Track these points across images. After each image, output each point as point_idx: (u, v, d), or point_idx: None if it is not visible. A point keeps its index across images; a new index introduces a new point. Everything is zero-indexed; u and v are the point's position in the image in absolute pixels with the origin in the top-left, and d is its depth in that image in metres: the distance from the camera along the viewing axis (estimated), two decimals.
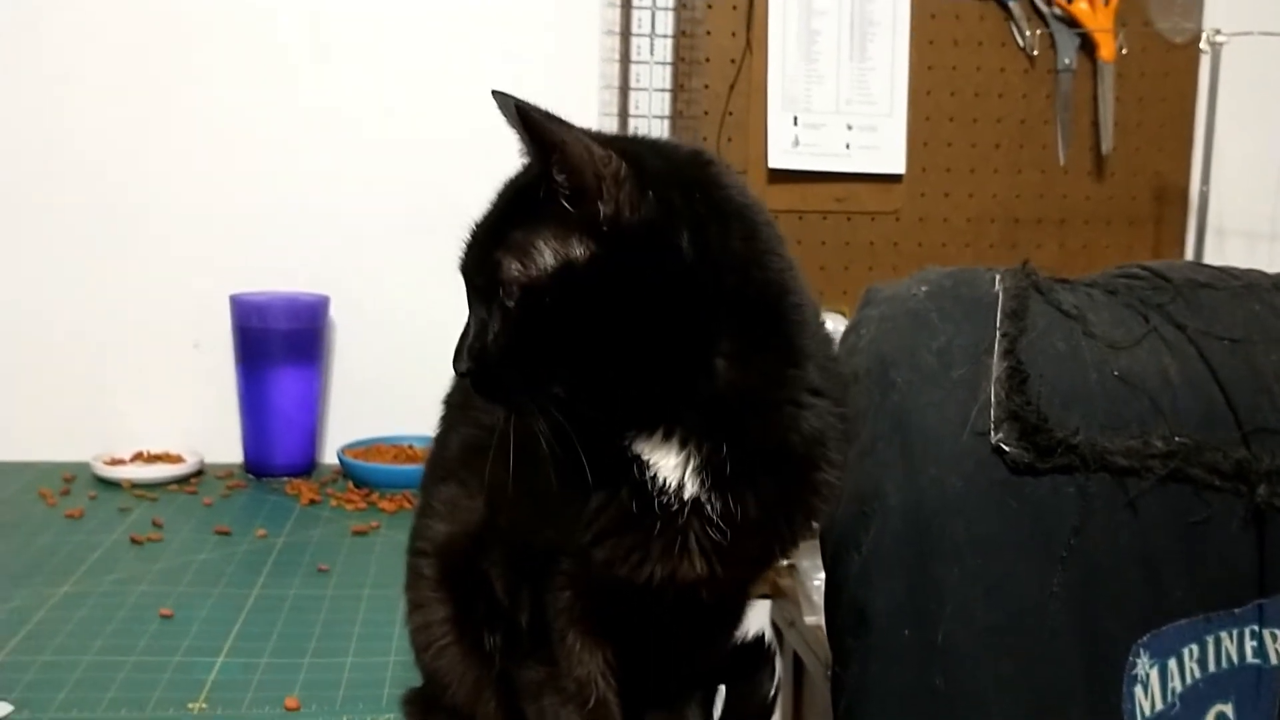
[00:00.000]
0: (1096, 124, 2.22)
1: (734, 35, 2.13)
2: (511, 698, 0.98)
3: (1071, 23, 2.17)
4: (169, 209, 2.05)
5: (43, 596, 1.45)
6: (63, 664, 1.28)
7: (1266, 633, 1.11)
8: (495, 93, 0.86)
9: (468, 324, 0.85)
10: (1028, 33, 2.18)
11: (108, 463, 1.96)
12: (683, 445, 0.84)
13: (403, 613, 1.08)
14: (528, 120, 0.79)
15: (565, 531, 0.87)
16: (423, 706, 1.09)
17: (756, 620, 2.13)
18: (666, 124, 2.12)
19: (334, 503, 1.87)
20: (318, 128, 2.07)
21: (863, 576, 1.07)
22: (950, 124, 2.20)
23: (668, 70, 2.12)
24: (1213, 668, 1.10)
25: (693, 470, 0.84)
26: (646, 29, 2.10)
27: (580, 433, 0.82)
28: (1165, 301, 1.17)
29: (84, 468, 1.95)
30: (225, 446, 2.04)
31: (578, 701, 0.93)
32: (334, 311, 2.09)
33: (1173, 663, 1.09)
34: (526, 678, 0.95)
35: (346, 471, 1.98)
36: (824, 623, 1.16)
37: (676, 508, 0.84)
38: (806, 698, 2.11)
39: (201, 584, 1.52)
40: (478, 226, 0.86)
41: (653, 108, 2.11)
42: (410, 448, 2.01)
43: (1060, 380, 1.09)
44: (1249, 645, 1.11)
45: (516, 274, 0.80)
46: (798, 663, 2.11)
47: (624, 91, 2.10)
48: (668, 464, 0.84)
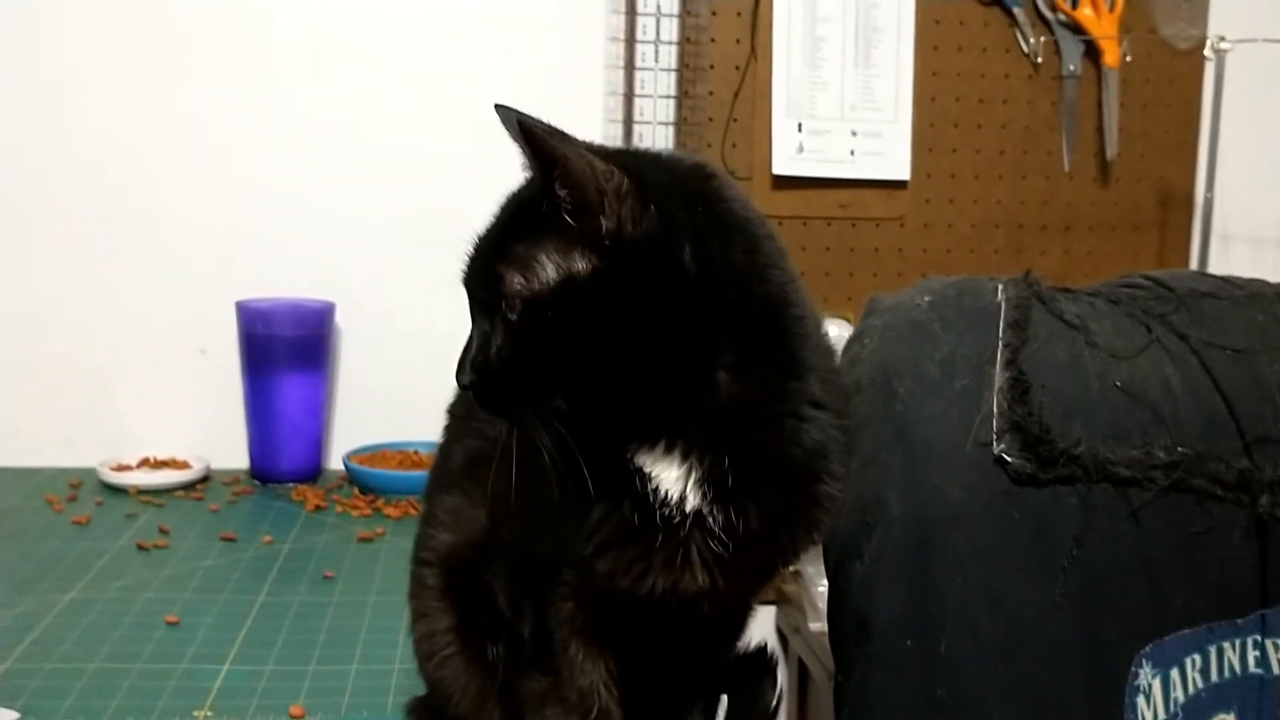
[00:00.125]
0: (1101, 130, 2.22)
1: (739, 42, 2.13)
2: (515, 708, 0.98)
3: (1076, 29, 2.17)
4: (175, 215, 2.06)
5: (48, 603, 1.46)
6: (68, 671, 1.29)
7: (1269, 643, 1.11)
8: (498, 106, 0.86)
9: (470, 337, 0.85)
10: (1032, 39, 2.18)
11: (114, 469, 1.96)
12: (684, 458, 0.84)
13: (407, 621, 1.08)
14: (530, 135, 0.79)
15: (567, 543, 0.88)
16: (426, 716, 1.09)
17: (761, 627, 2.14)
18: (671, 130, 2.12)
19: (339, 509, 1.88)
20: (325, 134, 2.07)
21: (865, 586, 1.08)
22: (955, 130, 2.20)
23: (672, 77, 2.12)
24: (1215, 678, 1.11)
25: (694, 483, 0.84)
26: (651, 36, 2.10)
27: (582, 445, 0.82)
28: (1168, 311, 1.18)
29: (90, 474, 1.96)
30: (231, 452, 2.05)
31: (580, 712, 0.94)
32: (340, 318, 2.09)
33: (1175, 673, 1.09)
34: (529, 688, 0.96)
35: (352, 477, 1.99)
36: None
37: (678, 520, 0.84)
38: (811, 704, 2.11)
39: (207, 590, 1.53)
40: (480, 240, 0.86)
41: (657, 114, 2.12)
42: (415, 453, 2.01)
43: (1062, 391, 1.09)
44: (1251, 655, 1.11)
45: (519, 287, 0.81)
46: (803, 669, 2.11)
47: (629, 98, 2.10)
48: (669, 476, 0.84)
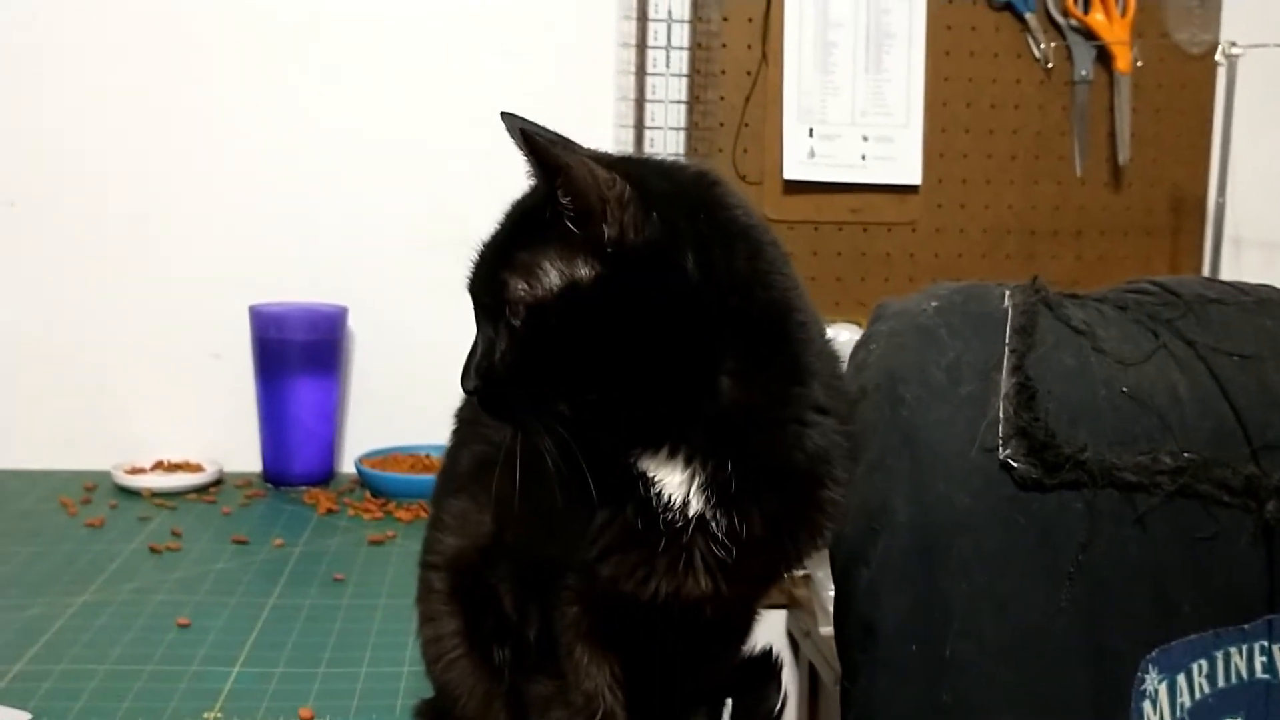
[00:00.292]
0: (1113, 135, 2.22)
1: (750, 48, 2.13)
2: (521, 711, 0.98)
3: (1088, 34, 2.17)
4: (189, 221, 2.07)
5: (61, 605, 1.47)
6: (80, 673, 1.30)
7: (1276, 648, 1.10)
8: (504, 114, 0.87)
9: (475, 343, 0.86)
10: (1044, 44, 2.18)
11: (128, 472, 1.98)
12: (688, 462, 0.84)
13: (415, 624, 1.09)
14: (532, 144, 0.80)
15: (571, 547, 0.88)
16: (434, 718, 1.10)
17: (772, 631, 2.15)
18: (682, 135, 2.12)
19: (351, 512, 1.89)
20: (337, 140, 2.08)
21: (870, 591, 1.08)
22: (966, 135, 2.20)
23: (683, 82, 2.12)
24: (1222, 683, 1.10)
25: (698, 487, 0.84)
26: (662, 41, 2.11)
27: (586, 450, 0.83)
28: (1175, 317, 1.17)
29: (105, 477, 1.97)
30: (244, 456, 2.06)
31: (585, 715, 0.94)
32: (352, 322, 2.10)
33: (1182, 678, 1.09)
34: (535, 691, 0.96)
35: (364, 481, 2.00)
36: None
37: (681, 524, 0.85)
38: (823, 707, 2.11)
39: (219, 593, 1.54)
40: (485, 246, 0.87)
41: (668, 119, 2.12)
42: (427, 457, 2.02)
43: (1069, 396, 1.09)
44: (1259, 661, 1.11)
45: (522, 294, 0.81)
46: (813, 673, 2.11)
47: (640, 104, 2.11)
48: (673, 481, 0.85)
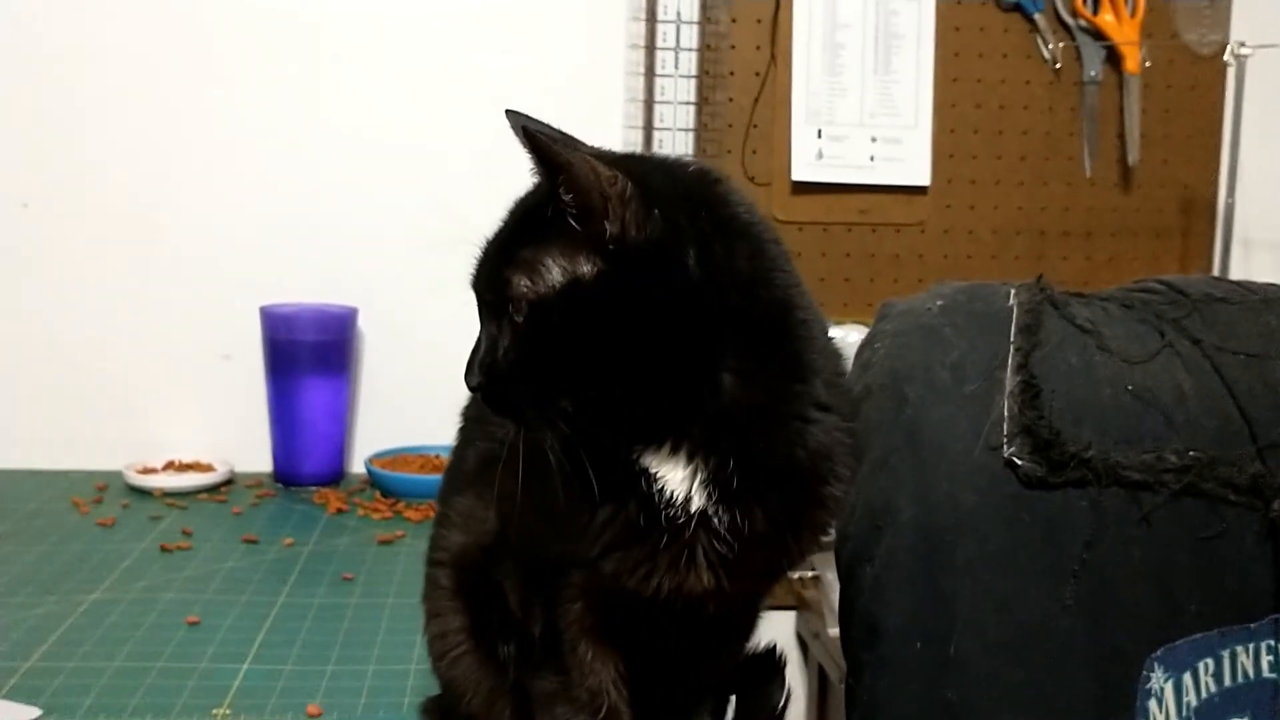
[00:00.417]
0: (1122, 136, 2.21)
1: (758, 49, 2.14)
2: (525, 707, 0.99)
3: (1097, 35, 2.17)
4: (200, 222, 2.09)
5: (73, 603, 1.48)
6: (90, 669, 1.30)
7: None
8: (508, 112, 0.88)
9: (479, 339, 0.86)
10: (1053, 45, 2.17)
11: (140, 472, 1.99)
12: (690, 459, 0.85)
13: (422, 621, 1.10)
14: (535, 141, 0.81)
15: (574, 544, 0.89)
16: (440, 715, 1.10)
17: (781, 632, 2.15)
18: (691, 137, 2.13)
19: (361, 512, 1.89)
20: (348, 141, 2.09)
21: (875, 590, 1.08)
22: (975, 136, 2.20)
23: (692, 83, 2.13)
24: (1228, 682, 1.10)
25: (700, 484, 0.85)
26: (671, 43, 2.11)
27: (588, 446, 0.84)
28: (1181, 316, 1.17)
29: (116, 476, 1.98)
30: (255, 456, 2.07)
31: (589, 710, 0.94)
32: (362, 323, 2.11)
33: (1187, 677, 1.09)
34: (539, 687, 0.97)
35: (374, 481, 2.01)
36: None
37: (684, 520, 0.85)
38: (831, 708, 2.11)
39: (228, 591, 1.54)
40: (488, 244, 0.87)
41: (677, 120, 2.13)
42: (437, 458, 2.03)
43: (1073, 395, 1.09)
44: (1265, 660, 1.11)
45: (525, 290, 0.82)
46: (822, 675, 2.11)
47: (649, 105, 2.11)
48: (675, 477, 0.85)
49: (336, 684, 1.30)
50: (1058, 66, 2.19)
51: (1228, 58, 2.06)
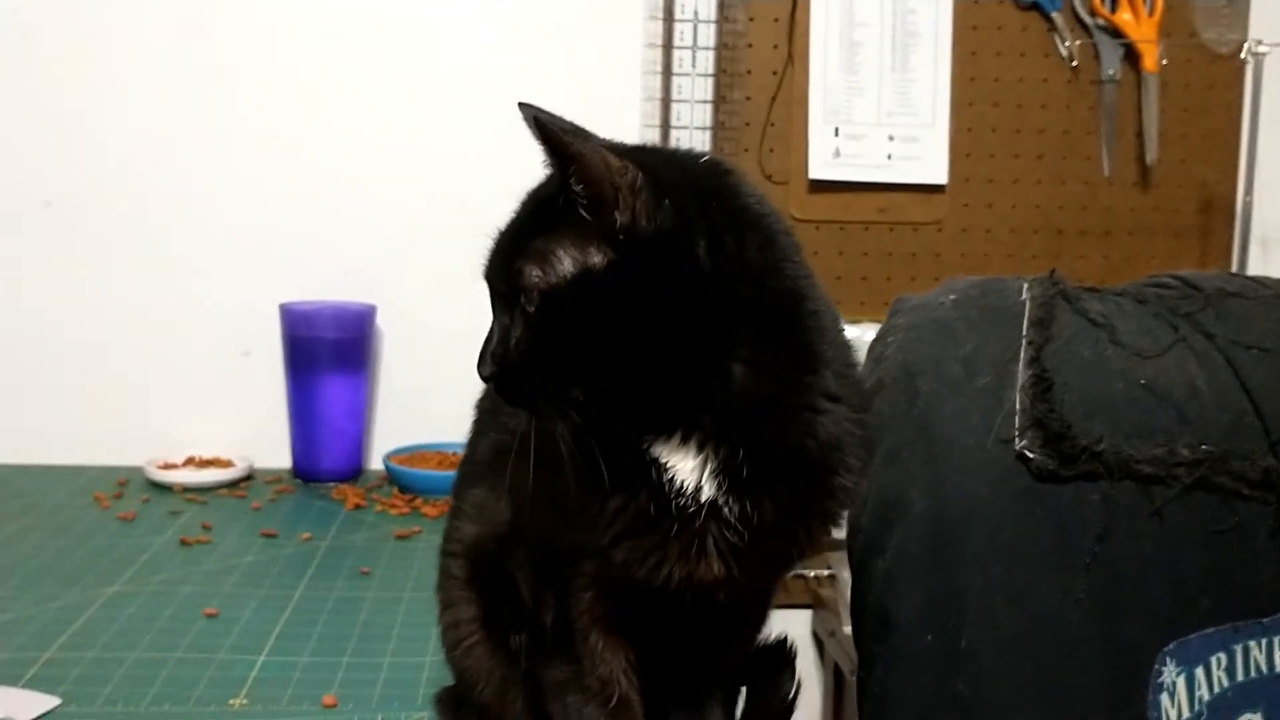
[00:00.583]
0: (1140, 135, 2.21)
1: (776, 48, 2.14)
2: (537, 696, 0.99)
3: (1115, 33, 2.17)
4: (221, 221, 2.10)
5: (93, 595, 1.49)
6: (109, 660, 1.32)
7: None
8: (521, 104, 0.88)
9: (491, 329, 0.87)
10: (1070, 44, 2.17)
11: (160, 467, 2.00)
12: (700, 449, 0.85)
13: (436, 612, 1.10)
14: (546, 132, 0.81)
15: (585, 533, 0.89)
16: (453, 705, 1.11)
17: (797, 630, 2.15)
18: (708, 135, 2.13)
19: (379, 508, 1.91)
20: (366, 140, 2.11)
21: (887, 582, 1.08)
22: (993, 135, 2.20)
23: (709, 82, 2.14)
24: (1241, 676, 1.10)
25: (710, 473, 0.85)
26: (688, 42, 2.12)
27: (600, 436, 0.84)
28: (1194, 310, 1.17)
29: (137, 472, 2.00)
30: (274, 452, 2.08)
31: (600, 700, 0.95)
32: (381, 321, 2.12)
33: (1200, 671, 1.09)
34: (551, 676, 0.97)
35: (392, 477, 2.02)
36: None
37: (694, 510, 0.86)
38: (847, 706, 2.11)
39: (246, 585, 1.56)
40: (500, 235, 0.88)
41: (694, 119, 2.13)
42: (454, 454, 2.03)
43: (1085, 388, 1.09)
44: (1278, 655, 1.11)
45: (536, 280, 0.83)
46: (838, 673, 2.11)
47: (666, 104, 2.12)
48: (685, 467, 0.85)
49: (352, 676, 1.31)
50: (1075, 65, 2.18)
51: (1245, 56, 2.05)
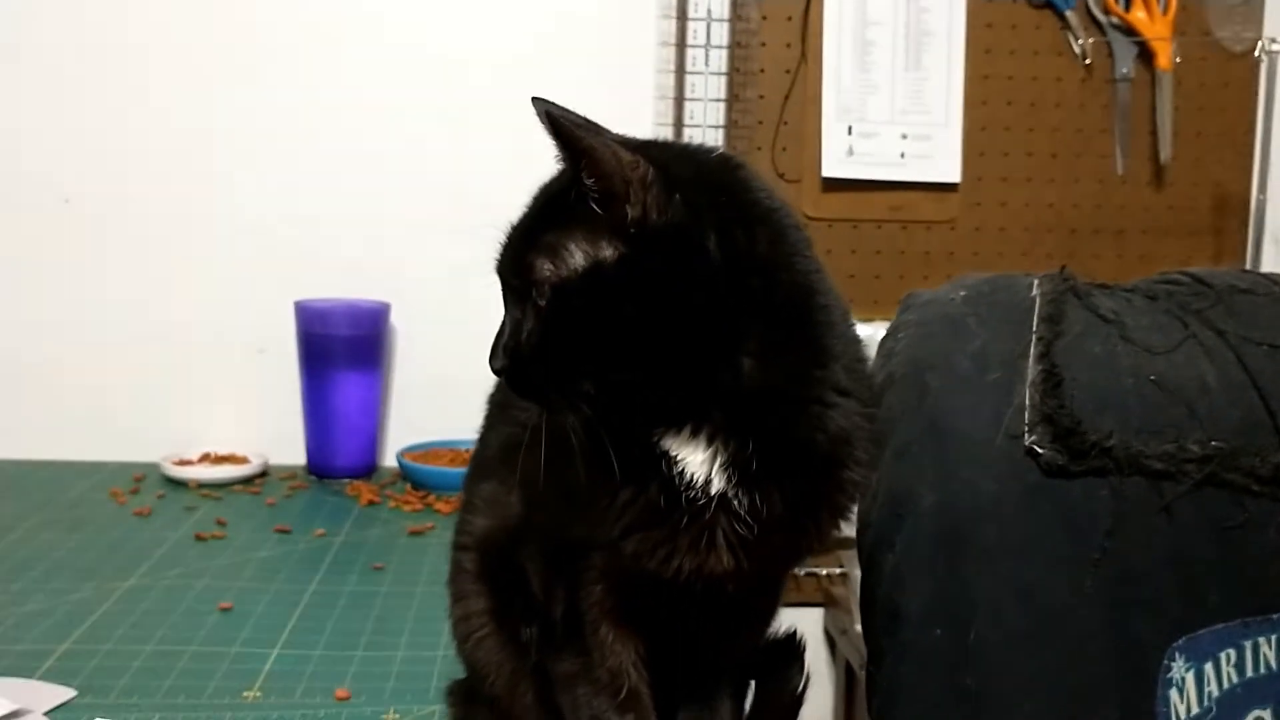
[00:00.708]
0: (1154, 133, 2.21)
1: (789, 46, 2.15)
2: (547, 688, 1.00)
3: (1128, 32, 2.16)
4: (236, 219, 2.12)
5: (108, 589, 1.51)
6: (125, 653, 1.33)
7: None
8: (534, 99, 0.89)
9: (503, 323, 0.87)
10: (1084, 42, 2.17)
11: (176, 463, 2.02)
12: (710, 441, 0.85)
13: (448, 605, 1.11)
14: (558, 126, 0.82)
15: (595, 526, 0.90)
16: (465, 697, 1.11)
17: (809, 628, 2.15)
18: (721, 134, 2.14)
19: (392, 504, 1.92)
20: (381, 138, 2.12)
21: (896, 577, 1.08)
22: (1006, 133, 2.20)
23: (723, 81, 2.14)
24: (1250, 673, 1.10)
25: (720, 466, 0.85)
26: (702, 40, 2.12)
27: (610, 429, 0.85)
28: (1205, 307, 1.17)
29: (153, 468, 2.02)
30: (289, 449, 2.10)
31: (610, 692, 0.95)
32: (394, 318, 2.13)
33: (1209, 667, 1.08)
34: (561, 669, 0.97)
35: (405, 474, 2.03)
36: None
37: (704, 502, 0.86)
38: (859, 704, 2.12)
39: (261, 579, 1.57)
40: (512, 229, 0.88)
41: (707, 118, 2.14)
42: (467, 451, 2.02)
43: (1095, 384, 1.09)
44: None
45: (548, 274, 0.83)
46: (849, 671, 2.12)
47: (679, 102, 2.13)
48: (695, 459, 0.86)
49: (365, 669, 1.32)
50: (1089, 63, 2.18)
51: (1259, 55, 2.05)
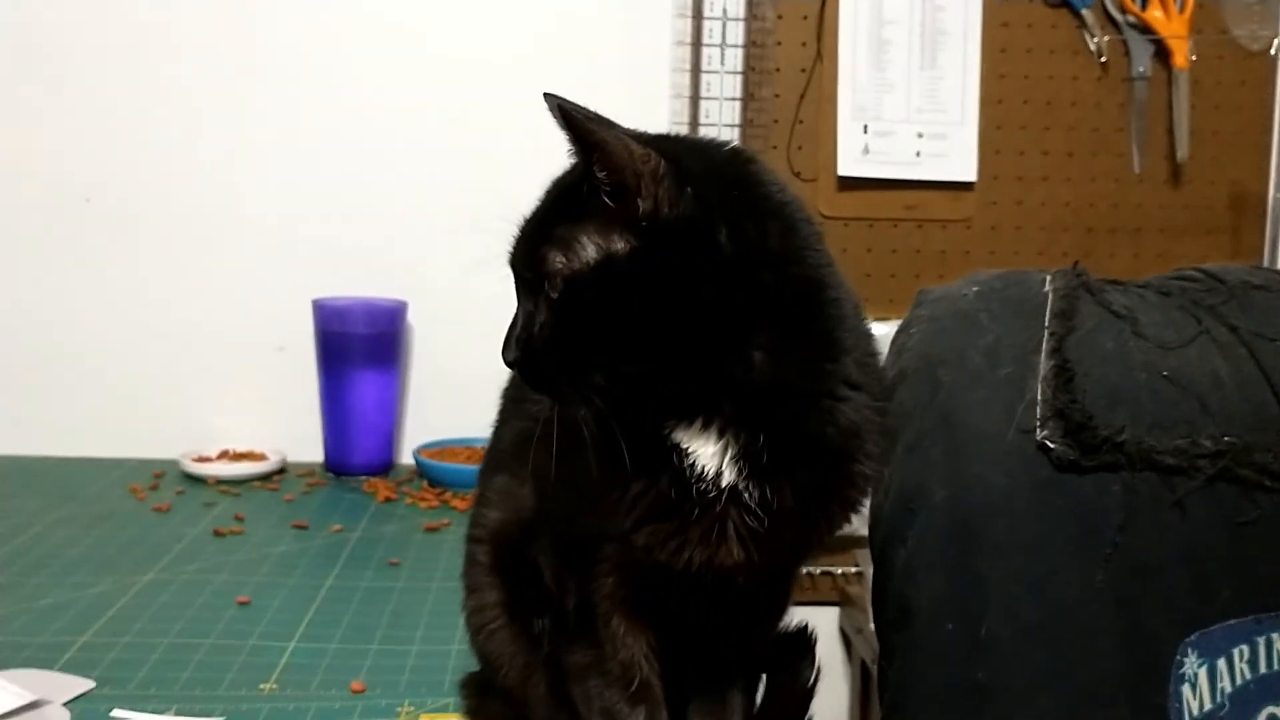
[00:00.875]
0: (1171, 132, 2.20)
1: (804, 45, 2.15)
2: (559, 680, 1.00)
3: (1145, 30, 2.16)
4: (255, 218, 2.13)
5: (127, 583, 1.52)
6: (143, 645, 1.34)
7: None
8: (546, 95, 0.89)
9: (516, 315, 0.88)
10: (1100, 40, 2.17)
11: (195, 460, 2.04)
12: (721, 434, 0.86)
13: (462, 598, 1.12)
14: (570, 120, 0.83)
15: (607, 517, 0.90)
16: (478, 689, 1.12)
17: (825, 627, 2.15)
18: (737, 133, 2.14)
19: (408, 501, 1.93)
20: (400, 137, 2.13)
21: (907, 572, 1.09)
22: (1022, 132, 2.20)
23: (738, 79, 2.14)
24: (1263, 669, 1.09)
25: (730, 459, 0.86)
26: (717, 39, 2.13)
27: (622, 421, 0.85)
28: (1218, 303, 1.17)
29: (172, 465, 2.04)
30: (307, 446, 2.11)
31: (622, 683, 0.96)
32: (411, 316, 2.14)
33: (1222, 663, 1.08)
34: (573, 660, 0.98)
35: (422, 471, 2.04)
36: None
37: (714, 495, 0.86)
38: (874, 702, 2.11)
39: (278, 574, 1.58)
40: (525, 222, 0.89)
41: (723, 117, 2.14)
42: (483, 449, 2.04)
43: (1107, 379, 1.09)
44: None
45: (560, 266, 0.84)
46: (865, 670, 2.12)
47: (694, 101, 2.13)
48: (706, 452, 0.86)
49: (380, 662, 1.33)
50: (1105, 62, 2.18)
51: (1276, 53, 2.04)
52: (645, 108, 2.11)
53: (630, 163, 0.82)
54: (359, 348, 2.06)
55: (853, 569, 2.17)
